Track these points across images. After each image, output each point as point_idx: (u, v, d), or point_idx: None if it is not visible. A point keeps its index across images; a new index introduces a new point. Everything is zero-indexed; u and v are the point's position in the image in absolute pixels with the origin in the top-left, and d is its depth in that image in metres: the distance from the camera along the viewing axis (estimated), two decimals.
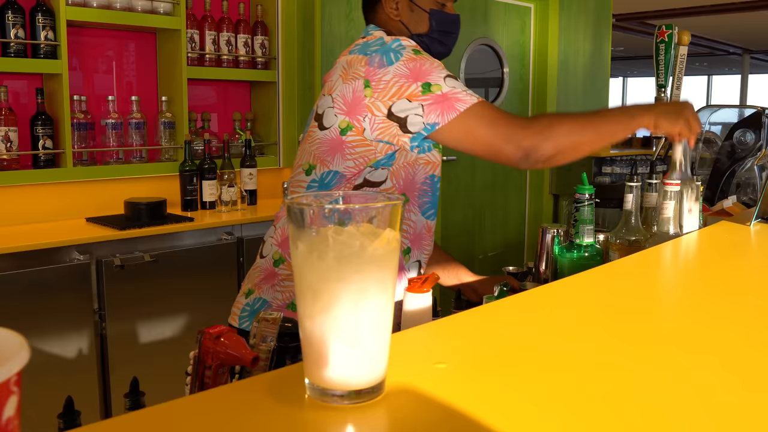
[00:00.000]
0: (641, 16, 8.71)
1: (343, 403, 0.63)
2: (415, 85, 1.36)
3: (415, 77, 1.36)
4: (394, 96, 1.36)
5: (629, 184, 1.59)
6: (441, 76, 1.38)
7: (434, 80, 1.37)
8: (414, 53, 1.40)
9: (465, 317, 0.98)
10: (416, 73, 1.37)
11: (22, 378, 0.38)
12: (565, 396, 0.68)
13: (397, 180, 1.46)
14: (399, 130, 1.38)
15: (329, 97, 1.44)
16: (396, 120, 1.38)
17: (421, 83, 1.36)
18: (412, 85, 1.36)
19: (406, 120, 1.37)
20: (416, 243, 1.54)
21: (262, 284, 1.51)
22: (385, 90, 1.37)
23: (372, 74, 1.39)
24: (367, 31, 1.56)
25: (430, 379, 0.71)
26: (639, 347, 0.85)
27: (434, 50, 1.58)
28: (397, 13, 1.56)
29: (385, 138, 1.40)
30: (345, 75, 1.43)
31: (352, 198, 0.66)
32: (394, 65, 1.37)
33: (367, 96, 1.38)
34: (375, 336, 0.63)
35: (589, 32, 5.41)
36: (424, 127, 1.37)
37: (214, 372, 1.03)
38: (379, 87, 1.37)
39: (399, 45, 1.41)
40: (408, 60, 1.38)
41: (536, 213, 5.22)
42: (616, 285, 1.20)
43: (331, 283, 0.60)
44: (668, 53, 2.61)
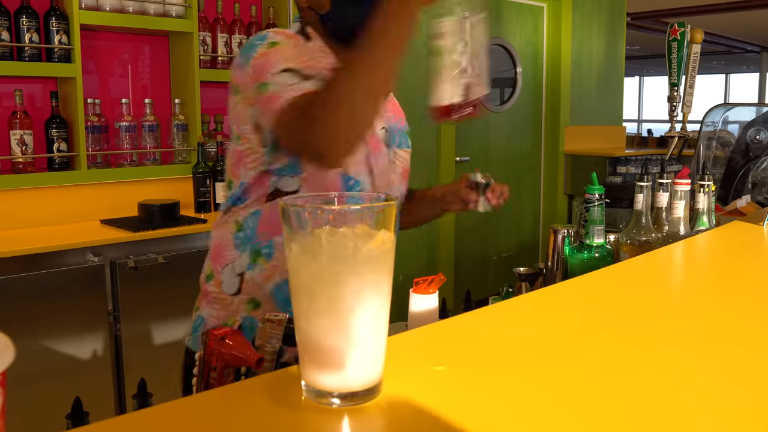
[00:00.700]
0: (656, 14, 8.64)
1: (338, 404, 0.63)
2: (254, 87, 1.19)
3: (256, 77, 1.19)
4: (250, 102, 1.22)
5: (639, 183, 1.58)
6: (275, 71, 1.17)
7: (269, 78, 1.17)
8: (268, 47, 1.22)
9: (469, 318, 0.98)
10: (258, 72, 1.19)
11: (6, 378, 0.38)
12: (567, 400, 0.68)
13: (310, 188, 1.27)
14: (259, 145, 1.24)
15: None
16: (258, 130, 1.23)
17: (257, 84, 1.19)
18: (252, 86, 1.20)
19: (263, 131, 1.23)
20: None
21: (201, 301, 1.41)
22: (244, 94, 1.23)
23: (234, 78, 1.25)
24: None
25: (428, 381, 0.70)
26: (647, 349, 0.84)
27: (347, 26, 1.26)
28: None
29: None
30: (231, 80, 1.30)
31: (346, 199, 0.66)
32: (248, 65, 1.22)
33: (238, 102, 1.25)
34: (371, 337, 0.62)
35: (603, 31, 5.37)
36: (267, 139, 1.22)
37: (219, 373, 1.03)
38: (238, 92, 1.24)
39: (259, 38, 1.24)
40: (258, 56, 1.21)
41: (550, 213, 5.20)
42: (626, 286, 1.19)
43: (326, 285, 0.60)
44: (681, 52, 2.59)
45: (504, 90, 4.93)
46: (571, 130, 5.16)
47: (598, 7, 5.29)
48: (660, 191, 1.64)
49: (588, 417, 0.64)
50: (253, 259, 1.31)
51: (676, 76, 2.46)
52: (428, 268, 4.02)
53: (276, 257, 1.30)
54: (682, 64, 2.38)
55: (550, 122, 5.16)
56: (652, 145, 6.10)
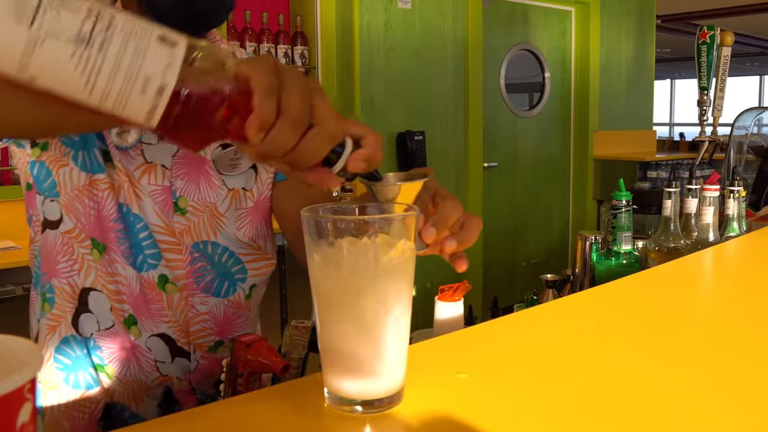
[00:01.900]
0: (687, 16, 8.54)
1: (361, 412, 0.64)
2: None
3: None
4: None
5: (668, 189, 1.56)
6: None
7: None
8: None
9: (493, 326, 0.98)
10: None
11: (35, 385, 0.39)
12: (591, 410, 0.67)
13: (77, 218, 1.03)
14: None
15: None
16: None
17: None
18: None
19: None
20: (142, 310, 1.06)
21: None
22: None
23: None
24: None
25: (450, 389, 0.71)
26: (675, 360, 0.83)
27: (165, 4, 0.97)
28: None
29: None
30: None
31: (367, 209, 0.67)
32: None
33: None
34: (393, 345, 0.63)
35: (632, 34, 5.33)
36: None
37: (245, 379, 1.04)
38: None
39: None
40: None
41: (580, 219, 5.16)
42: (654, 293, 1.18)
43: (347, 294, 0.61)
44: (710, 54, 2.56)
45: (532, 95, 4.91)
46: (600, 134, 5.12)
47: (626, 10, 5.25)
48: (688, 197, 1.62)
49: (612, 429, 0.63)
50: (42, 304, 1.08)
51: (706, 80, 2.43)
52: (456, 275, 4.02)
53: (57, 304, 1.06)
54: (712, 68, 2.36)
55: (578, 127, 5.12)
56: (684, 149, 6.03)
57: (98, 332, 1.06)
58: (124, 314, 1.05)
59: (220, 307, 1.11)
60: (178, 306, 1.07)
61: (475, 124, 4.28)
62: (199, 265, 1.08)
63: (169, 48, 0.47)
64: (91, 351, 1.07)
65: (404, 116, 3.86)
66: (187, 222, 1.07)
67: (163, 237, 1.05)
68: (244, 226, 1.12)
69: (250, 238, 1.13)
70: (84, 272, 1.05)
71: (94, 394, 1.09)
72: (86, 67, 0.46)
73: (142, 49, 0.47)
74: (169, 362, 1.08)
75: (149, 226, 1.04)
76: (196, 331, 1.09)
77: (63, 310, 1.06)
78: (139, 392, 1.08)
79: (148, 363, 1.07)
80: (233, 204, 1.11)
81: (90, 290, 1.05)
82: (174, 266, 1.06)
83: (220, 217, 1.09)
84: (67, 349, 1.07)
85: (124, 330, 1.06)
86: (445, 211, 0.71)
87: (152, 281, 1.05)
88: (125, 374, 1.07)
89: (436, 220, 0.70)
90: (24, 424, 0.39)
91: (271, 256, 1.18)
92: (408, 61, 3.85)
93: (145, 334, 1.06)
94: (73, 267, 1.05)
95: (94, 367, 1.07)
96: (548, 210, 5.05)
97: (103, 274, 1.04)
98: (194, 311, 1.08)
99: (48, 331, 1.07)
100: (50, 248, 1.05)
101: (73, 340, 1.07)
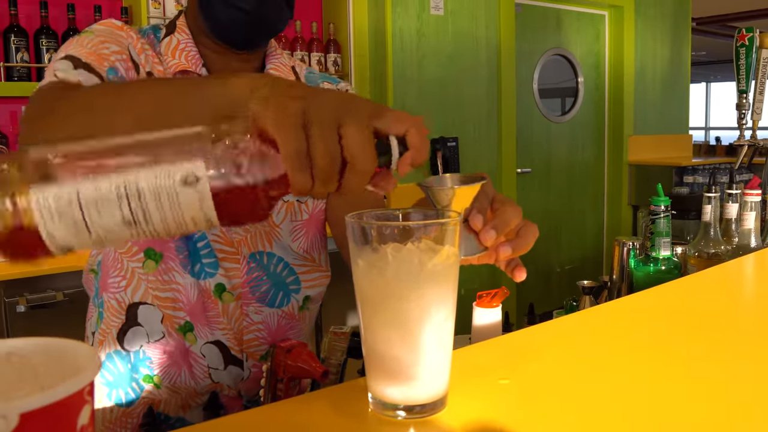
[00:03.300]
0: (723, 18, 8.40)
1: (404, 417, 0.64)
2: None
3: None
4: None
5: (707, 194, 1.54)
6: (59, 56, 0.95)
7: (47, 73, 0.94)
8: (81, 34, 1.00)
9: (533, 332, 0.98)
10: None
11: (94, 388, 0.40)
12: (632, 417, 0.67)
13: None
14: None
15: None
16: None
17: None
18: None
19: None
20: (199, 317, 1.07)
21: None
22: None
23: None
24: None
25: (493, 395, 0.71)
26: (715, 367, 0.82)
27: (225, 16, 1.02)
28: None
29: None
30: None
31: (411, 215, 0.67)
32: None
33: None
34: (436, 350, 0.63)
35: (667, 37, 5.27)
36: None
37: (285, 385, 1.05)
38: None
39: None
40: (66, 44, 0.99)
41: (615, 225, 5.10)
42: (694, 300, 1.16)
43: (391, 300, 0.62)
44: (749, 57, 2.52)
45: (565, 100, 4.88)
46: (635, 139, 5.07)
47: (661, 13, 5.19)
48: (729, 202, 1.60)
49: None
50: (98, 319, 1.10)
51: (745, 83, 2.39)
52: (491, 282, 3.99)
53: (105, 319, 1.08)
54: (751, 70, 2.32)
55: (613, 132, 5.07)
56: (721, 153, 5.93)
57: (147, 344, 1.07)
58: (180, 321, 1.07)
59: (274, 317, 1.13)
60: (234, 314, 1.09)
61: (508, 129, 4.27)
62: (255, 275, 1.10)
63: (193, 187, 0.51)
64: (139, 363, 1.08)
65: (437, 122, 3.86)
66: (245, 232, 1.09)
67: (220, 246, 1.07)
68: (299, 238, 1.14)
69: (304, 250, 1.15)
70: (132, 288, 1.06)
71: (136, 407, 1.10)
72: (146, 233, 0.52)
73: (175, 200, 0.51)
74: (222, 369, 1.10)
75: (207, 236, 1.06)
76: (249, 339, 1.11)
77: (109, 326, 1.08)
78: (186, 399, 1.10)
79: (201, 369, 1.09)
80: (288, 216, 1.12)
81: (139, 305, 1.06)
82: (231, 275, 1.08)
83: (275, 228, 1.11)
84: (111, 365, 1.09)
85: (178, 336, 1.07)
86: (505, 216, 0.70)
87: (209, 289, 1.06)
88: (175, 382, 1.09)
89: (496, 224, 0.69)
90: (84, 426, 0.40)
91: (325, 268, 1.20)
92: (441, 67, 3.86)
93: (200, 341, 1.08)
94: (121, 283, 1.06)
95: (139, 380, 1.09)
96: (582, 216, 5.00)
97: (158, 283, 1.06)
98: (248, 320, 1.10)
99: (98, 345, 1.09)
100: (107, 264, 1.08)
101: (117, 355, 1.09)
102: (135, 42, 1.04)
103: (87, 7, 2.78)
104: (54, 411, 0.37)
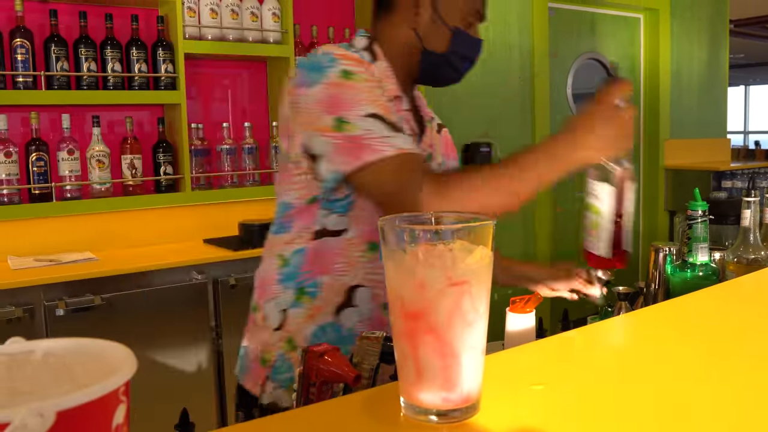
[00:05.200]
0: (762, 20, 8.24)
1: (437, 422, 0.63)
2: (327, 118, 1.12)
3: (329, 107, 1.12)
4: (306, 124, 1.16)
5: (746, 199, 1.51)
6: (360, 113, 1.11)
7: (350, 117, 1.11)
8: (341, 76, 1.14)
9: (568, 338, 0.97)
10: (333, 103, 1.13)
11: (129, 388, 0.41)
12: (667, 424, 0.66)
13: (362, 228, 1.23)
14: (311, 171, 1.19)
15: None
16: (310, 157, 1.17)
17: (333, 117, 1.12)
18: (324, 116, 1.12)
19: (316, 160, 1.17)
20: None
21: (247, 330, 1.38)
22: (301, 115, 1.16)
23: (292, 95, 1.18)
24: (353, 38, 1.34)
25: (527, 400, 0.70)
26: (755, 376, 0.80)
27: (444, 75, 1.36)
28: (416, 21, 1.29)
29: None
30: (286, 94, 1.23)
31: (442, 218, 0.67)
32: (315, 87, 1.14)
33: (291, 120, 1.19)
34: (468, 355, 0.63)
35: (704, 40, 5.18)
36: (329, 174, 1.16)
37: (318, 389, 1.05)
38: (297, 110, 1.17)
39: (330, 61, 1.15)
40: (330, 85, 1.13)
41: (650, 230, 5.02)
42: (732, 307, 1.14)
43: (423, 302, 0.61)
44: None
45: None
46: (671, 143, 4.99)
47: (697, 15, 5.11)
48: None
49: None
50: (298, 297, 1.27)
51: None
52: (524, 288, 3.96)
53: (321, 297, 1.26)
54: None
55: (648, 136, 5.00)
56: (760, 157, 5.81)
57: (359, 322, 1.24)
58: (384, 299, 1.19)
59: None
60: None
61: (542, 134, 4.23)
62: None
63: None
64: (348, 339, 1.21)
65: (471, 127, 3.84)
66: None
67: None
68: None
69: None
70: (353, 272, 1.24)
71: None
72: None
73: None
74: None
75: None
76: None
77: (328, 303, 1.24)
78: None
79: None
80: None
81: (356, 287, 1.24)
82: None
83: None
84: (322, 335, 1.25)
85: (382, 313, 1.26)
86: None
87: None
88: None
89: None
90: (119, 425, 0.40)
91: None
92: (474, 73, 3.83)
93: None
94: (345, 268, 1.24)
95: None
96: None
97: (375, 267, 1.25)
98: None
99: (304, 319, 1.25)
100: (326, 252, 1.24)
101: (330, 327, 1.25)
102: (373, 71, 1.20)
103: (124, 16, 2.84)
104: (90, 410, 0.37)
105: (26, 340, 0.45)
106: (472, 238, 0.61)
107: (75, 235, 2.77)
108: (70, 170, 2.68)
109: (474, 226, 0.63)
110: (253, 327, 1.34)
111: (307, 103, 1.15)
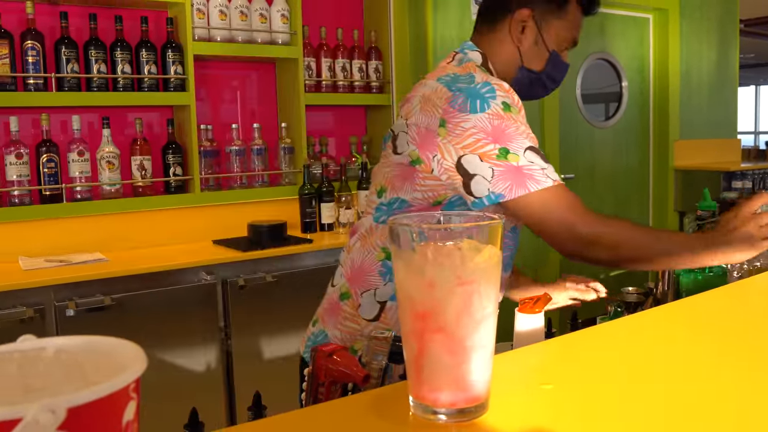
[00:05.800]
0: None
1: (446, 421, 0.64)
2: (493, 146, 1.23)
3: (495, 137, 1.23)
4: (467, 147, 1.24)
5: None
6: (522, 146, 1.25)
7: (514, 148, 1.23)
8: (503, 108, 1.26)
9: (577, 338, 0.96)
10: (498, 133, 1.24)
11: (140, 385, 0.41)
12: (676, 424, 0.66)
13: None
14: (462, 187, 1.27)
15: (404, 122, 1.33)
16: (462, 174, 1.26)
17: (499, 146, 1.23)
18: (490, 144, 1.23)
19: (472, 179, 1.25)
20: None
21: (326, 316, 1.43)
22: (461, 137, 1.25)
23: (450, 115, 1.26)
24: (463, 50, 1.45)
25: (536, 399, 0.70)
26: (764, 376, 0.80)
27: (535, 91, 1.51)
28: (520, 39, 1.44)
29: (450, 186, 1.29)
30: (424, 104, 1.31)
31: (451, 217, 0.67)
32: (478, 115, 1.24)
33: (440, 135, 1.26)
34: (477, 353, 0.63)
35: (714, 40, 5.16)
36: (488, 195, 1.24)
37: (327, 388, 1.06)
38: (455, 131, 1.25)
39: (490, 93, 1.27)
40: (494, 115, 1.24)
41: None
42: (741, 307, 1.14)
43: (432, 301, 0.61)
44: None
45: (609, 105, 4.81)
46: (681, 144, 4.97)
47: (707, 15, 5.09)
48: None
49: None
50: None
51: None
52: None
53: None
54: None
55: (658, 137, 4.98)
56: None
57: None
58: None
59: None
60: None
61: (552, 135, 4.23)
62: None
63: None
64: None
65: None
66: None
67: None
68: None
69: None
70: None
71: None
72: None
73: None
74: None
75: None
76: None
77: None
78: None
79: None
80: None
81: None
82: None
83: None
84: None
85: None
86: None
87: (504, 280, 1.42)
88: None
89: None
90: (129, 422, 0.40)
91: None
92: None
93: None
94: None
95: None
96: None
97: None
98: None
99: (383, 311, 1.33)
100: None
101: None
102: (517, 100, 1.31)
103: (134, 18, 2.85)
104: (100, 406, 0.38)
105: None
106: (481, 237, 0.61)
107: (85, 235, 2.78)
108: (80, 171, 2.70)
109: (483, 226, 0.63)
110: (338, 313, 1.38)
111: (471, 129, 1.24)
